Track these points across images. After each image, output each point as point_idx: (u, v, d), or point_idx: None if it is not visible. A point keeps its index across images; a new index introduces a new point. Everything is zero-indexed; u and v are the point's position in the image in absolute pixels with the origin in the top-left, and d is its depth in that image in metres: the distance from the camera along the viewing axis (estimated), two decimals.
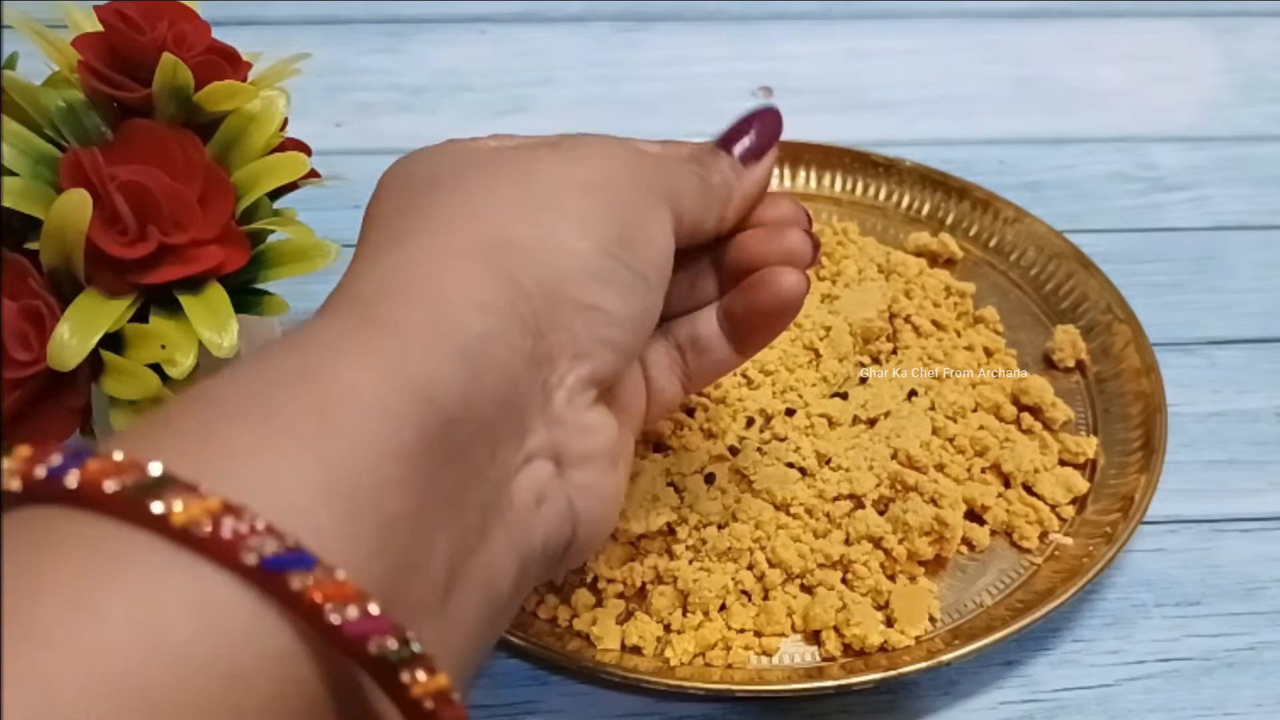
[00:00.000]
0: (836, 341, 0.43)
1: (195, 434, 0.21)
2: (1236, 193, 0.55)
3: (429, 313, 0.24)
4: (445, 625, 0.23)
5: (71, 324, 0.31)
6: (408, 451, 0.22)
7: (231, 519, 0.19)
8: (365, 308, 0.24)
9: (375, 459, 0.21)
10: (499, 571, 0.25)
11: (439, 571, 0.23)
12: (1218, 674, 0.37)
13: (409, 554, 0.22)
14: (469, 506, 0.24)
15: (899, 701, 0.37)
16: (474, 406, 0.24)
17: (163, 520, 0.19)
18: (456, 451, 0.23)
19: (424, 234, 0.26)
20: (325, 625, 0.19)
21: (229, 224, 0.34)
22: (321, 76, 0.58)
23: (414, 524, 0.22)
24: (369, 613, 0.19)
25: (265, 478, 0.20)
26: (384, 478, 0.21)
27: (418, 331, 0.24)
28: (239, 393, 0.22)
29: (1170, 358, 0.45)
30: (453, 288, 0.25)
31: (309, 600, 0.19)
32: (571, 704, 0.36)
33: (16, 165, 0.33)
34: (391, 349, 0.23)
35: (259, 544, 0.19)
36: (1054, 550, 0.39)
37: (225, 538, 0.19)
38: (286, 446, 0.21)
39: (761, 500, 0.39)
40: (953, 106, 0.60)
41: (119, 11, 0.34)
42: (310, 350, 0.23)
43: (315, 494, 0.20)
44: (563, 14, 0.65)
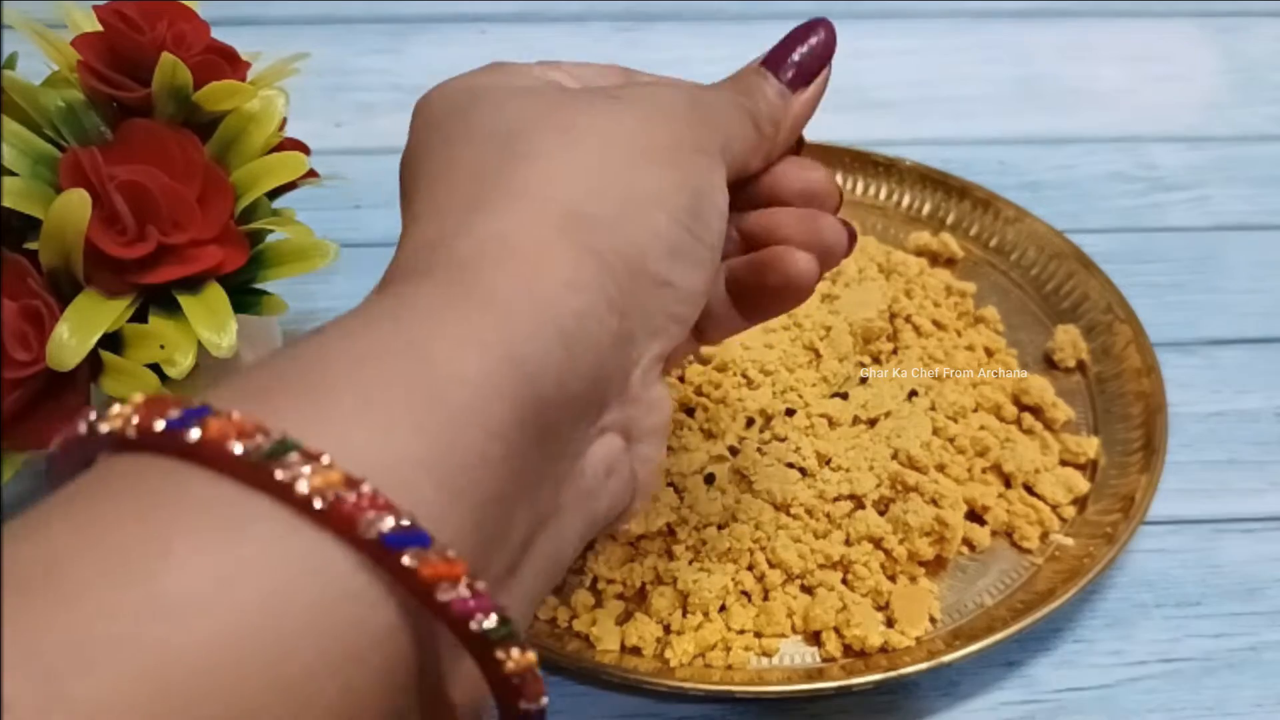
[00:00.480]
0: (837, 341, 0.43)
1: (304, 399, 0.21)
2: (1237, 193, 0.55)
3: (527, 288, 0.24)
4: (513, 595, 0.24)
5: (71, 324, 0.31)
6: (506, 429, 0.22)
7: (353, 493, 0.19)
8: (460, 277, 0.24)
9: (478, 438, 0.21)
10: (566, 541, 0.25)
11: (516, 544, 0.23)
12: (1218, 674, 0.37)
13: (497, 530, 0.22)
14: (548, 483, 0.24)
15: (899, 702, 0.36)
16: (566, 387, 0.24)
17: (287, 488, 0.19)
18: (546, 430, 0.23)
19: (503, 202, 0.25)
20: (435, 603, 0.19)
21: (228, 224, 0.34)
22: (321, 76, 0.58)
23: (505, 499, 0.22)
24: (477, 591, 0.20)
25: (374, 451, 0.20)
26: (484, 456, 0.21)
27: (516, 307, 0.23)
28: (344, 360, 0.22)
29: (1170, 358, 0.45)
30: (546, 263, 0.24)
31: (421, 577, 0.19)
32: (571, 705, 0.36)
33: (16, 165, 0.33)
34: (490, 324, 0.23)
35: (377, 519, 0.19)
36: (1055, 551, 0.39)
37: (345, 510, 0.19)
38: (393, 421, 0.21)
39: (761, 501, 0.39)
40: (953, 106, 0.60)
41: (118, 11, 0.34)
42: (413, 321, 0.23)
43: (421, 470, 0.20)
44: (563, 14, 0.65)
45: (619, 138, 0.27)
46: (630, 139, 0.27)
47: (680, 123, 0.28)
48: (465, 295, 0.23)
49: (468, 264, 0.24)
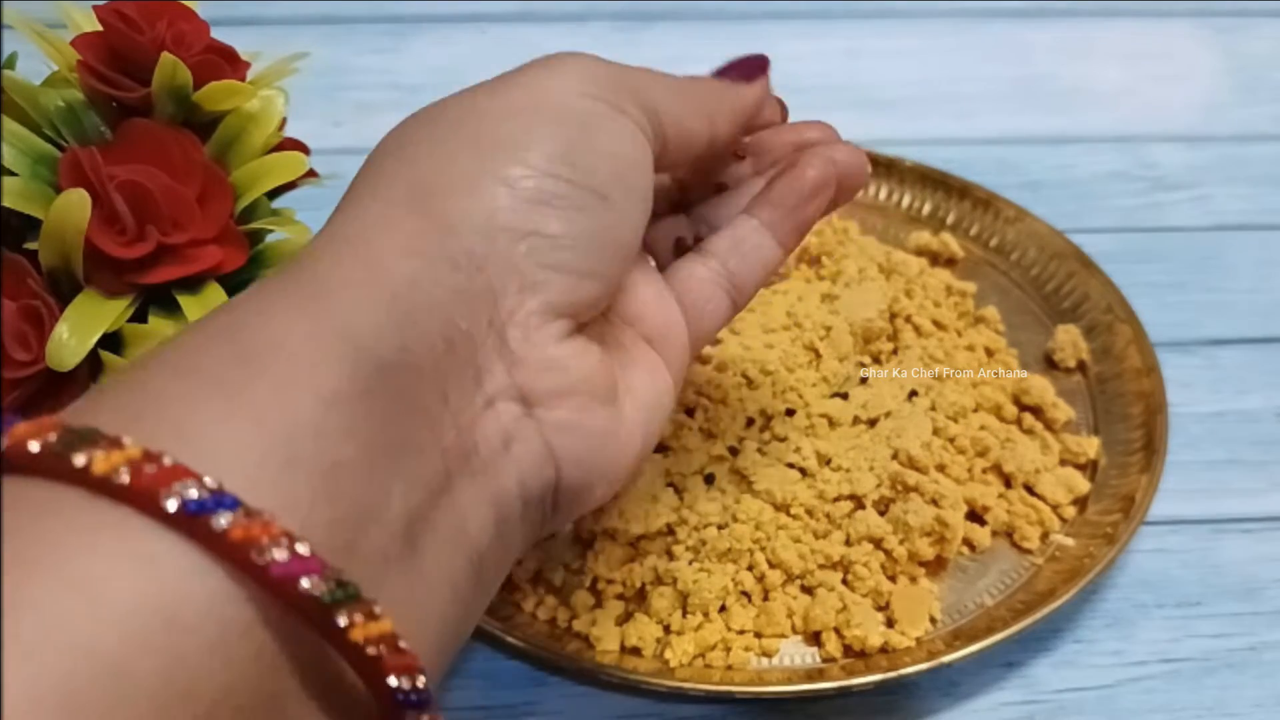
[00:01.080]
0: (837, 341, 0.43)
1: (128, 395, 0.21)
2: (1237, 192, 0.55)
3: (358, 263, 0.24)
4: (414, 577, 0.23)
5: (70, 324, 0.31)
6: (343, 397, 0.22)
7: (151, 465, 0.19)
8: (297, 270, 0.24)
9: (307, 406, 0.21)
10: (470, 519, 0.25)
11: (397, 519, 0.23)
12: (1218, 674, 0.37)
13: (361, 501, 0.22)
14: (425, 452, 0.24)
15: (899, 702, 0.36)
16: (411, 350, 0.24)
17: (84, 472, 0.19)
18: (400, 396, 0.23)
19: (364, 194, 0.26)
20: (251, 566, 0.19)
21: (228, 223, 0.34)
22: (320, 76, 0.57)
23: (363, 470, 0.22)
24: (297, 552, 0.19)
25: (194, 428, 0.20)
26: (319, 424, 0.21)
27: (346, 282, 0.24)
28: (173, 353, 0.22)
29: (1171, 358, 0.45)
30: (381, 237, 0.25)
31: (232, 541, 0.19)
32: (571, 705, 0.36)
33: (16, 165, 0.33)
34: (318, 300, 0.23)
35: (180, 488, 0.19)
36: (1055, 551, 0.39)
37: (145, 484, 0.19)
38: (215, 397, 0.21)
39: (761, 501, 0.38)
40: (953, 106, 0.60)
41: (118, 11, 0.34)
42: (242, 309, 0.23)
43: (246, 442, 0.20)
44: (562, 13, 0.65)
45: (486, 106, 0.27)
46: (500, 104, 0.27)
47: (567, 78, 0.28)
48: (293, 280, 0.24)
49: (304, 257, 0.25)
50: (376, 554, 0.22)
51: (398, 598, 0.22)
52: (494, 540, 0.25)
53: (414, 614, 0.23)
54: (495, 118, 0.27)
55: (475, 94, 0.28)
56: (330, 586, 0.20)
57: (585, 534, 0.39)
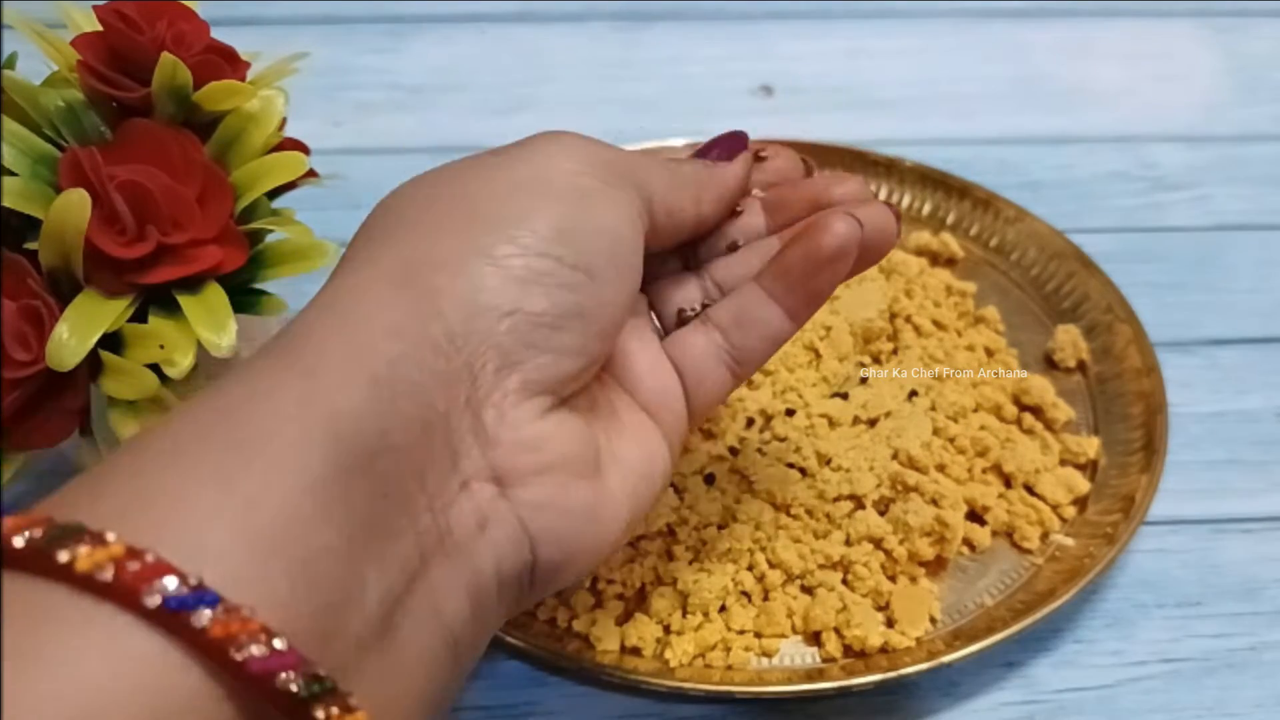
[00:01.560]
0: (837, 341, 0.43)
1: (118, 482, 0.21)
2: (1237, 192, 0.55)
3: (344, 343, 0.24)
4: (390, 660, 0.23)
5: (70, 324, 0.31)
6: (325, 484, 0.22)
7: (134, 562, 0.19)
8: (287, 344, 0.24)
9: (291, 494, 0.21)
10: (448, 603, 0.25)
11: (373, 604, 0.23)
12: (1218, 674, 0.37)
13: (338, 588, 0.22)
14: (402, 537, 0.24)
15: (899, 702, 0.36)
16: (391, 435, 0.23)
17: (68, 569, 0.19)
18: (380, 481, 0.23)
19: (352, 270, 0.26)
20: (230, 662, 0.19)
21: (227, 224, 0.34)
22: (320, 76, 0.57)
23: (341, 557, 0.22)
24: (274, 648, 0.20)
25: (177, 517, 0.20)
26: (302, 512, 0.21)
27: (331, 364, 0.24)
28: (165, 441, 0.22)
29: (1171, 358, 0.45)
30: (367, 315, 0.25)
31: (211, 638, 0.19)
32: (571, 705, 0.36)
33: (16, 165, 0.33)
34: (303, 384, 0.23)
35: (161, 585, 0.19)
36: (1055, 551, 0.39)
37: (127, 581, 0.19)
38: (202, 488, 0.21)
39: (761, 501, 0.38)
40: (953, 106, 0.60)
41: (118, 11, 0.34)
42: (231, 393, 0.23)
43: (231, 533, 0.20)
44: (562, 13, 0.65)
45: (482, 181, 0.27)
46: (496, 180, 0.27)
47: (562, 157, 0.28)
48: (281, 361, 0.24)
49: (294, 333, 0.25)
50: (352, 640, 0.22)
51: (373, 682, 0.23)
52: (469, 620, 0.25)
53: (390, 697, 0.23)
54: (489, 195, 0.27)
55: (473, 167, 0.28)
56: (306, 681, 0.20)
57: None
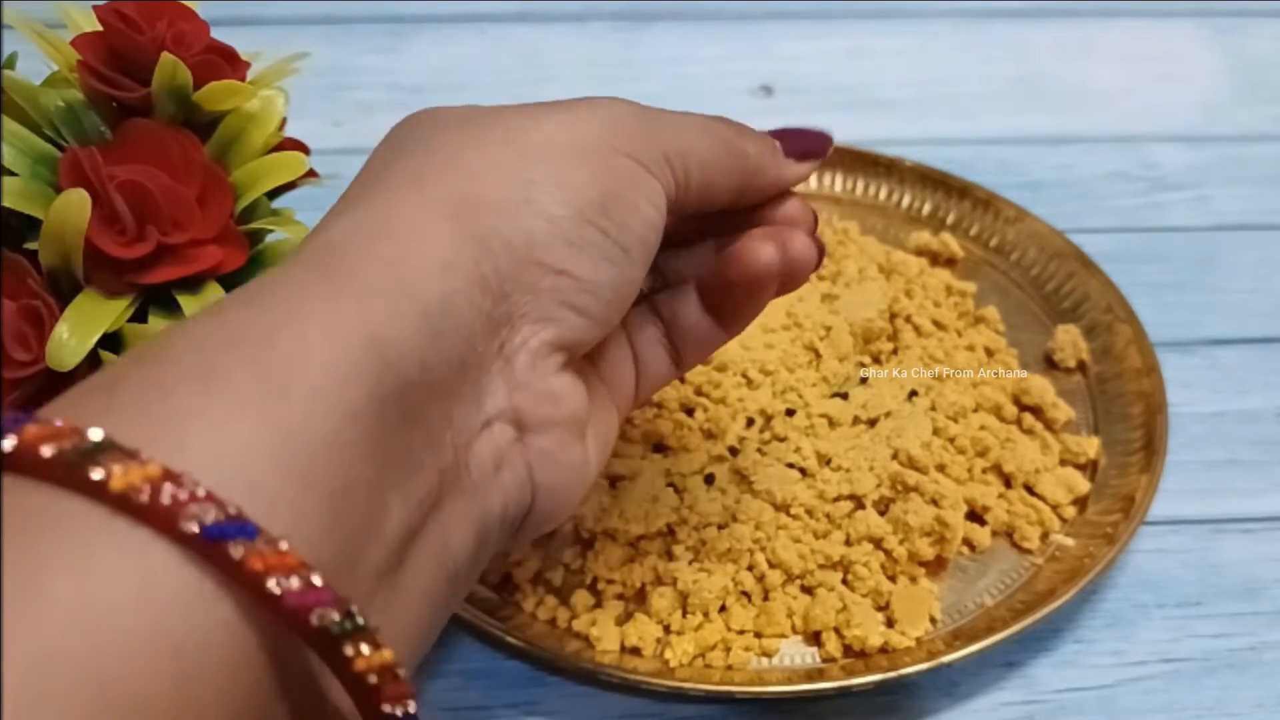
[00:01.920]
0: (837, 341, 0.43)
1: (142, 397, 0.20)
2: (1237, 192, 0.55)
3: (391, 268, 0.24)
4: (399, 593, 0.23)
5: (70, 324, 0.31)
6: (362, 413, 0.22)
7: (171, 485, 0.18)
8: (327, 259, 0.24)
9: (329, 421, 0.21)
10: (455, 538, 0.25)
11: (393, 536, 0.23)
12: (1218, 674, 0.37)
13: (366, 519, 0.22)
14: (425, 469, 0.24)
15: (899, 703, 0.36)
16: (431, 369, 0.23)
17: (101, 486, 0.18)
18: (412, 414, 0.23)
19: (394, 187, 0.26)
20: (266, 595, 0.19)
21: (227, 224, 0.34)
22: (320, 76, 0.58)
23: (372, 487, 0.22)
24: (311, 583, 0.19)
25: (213, 442, 0.20)
26: (338, 440, 0.21)
27: (379, 288, 0.23)
28: (190, 352, 0.21)
29: (1171, 358, 0.45)
30: (417, 243, 0.24)
31: (249, 569, 0.19)
32: (571, 705, 0.36)
33: (16, 165, 0.33)
34: (350, 306, 0.22)
35: (199, 511, 0.18)
36: (1055, 551, 0.39)
37: (164, 504, 0.18)
38: (236, 409, 0.20)
39: (761, 501, 0.38)
40: (953, 106, 0.60)
41: (118, 11, 0.34)
42: (266, 306, 0.22)
43: (265, 458, 0.20)
44: (562, 13, 0.65)
45: (531, 132, 0.27)
46: (545, 136, 0.27)
47: (610, 126, 0.28)
48: (324, 278, 0.23)
49: (337, 246, 0.24)
50: (372, 571, 0.22)
51: (382, 613, 0.23)
52: (471, 557, 0.26)
53: (394, 627, 0.23)
54: (540, 147, 0.27)
55: (517, 114, 0.28)
56: (340, 617, 0.20)
57: (585, 534, 0.39)
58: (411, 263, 0.24)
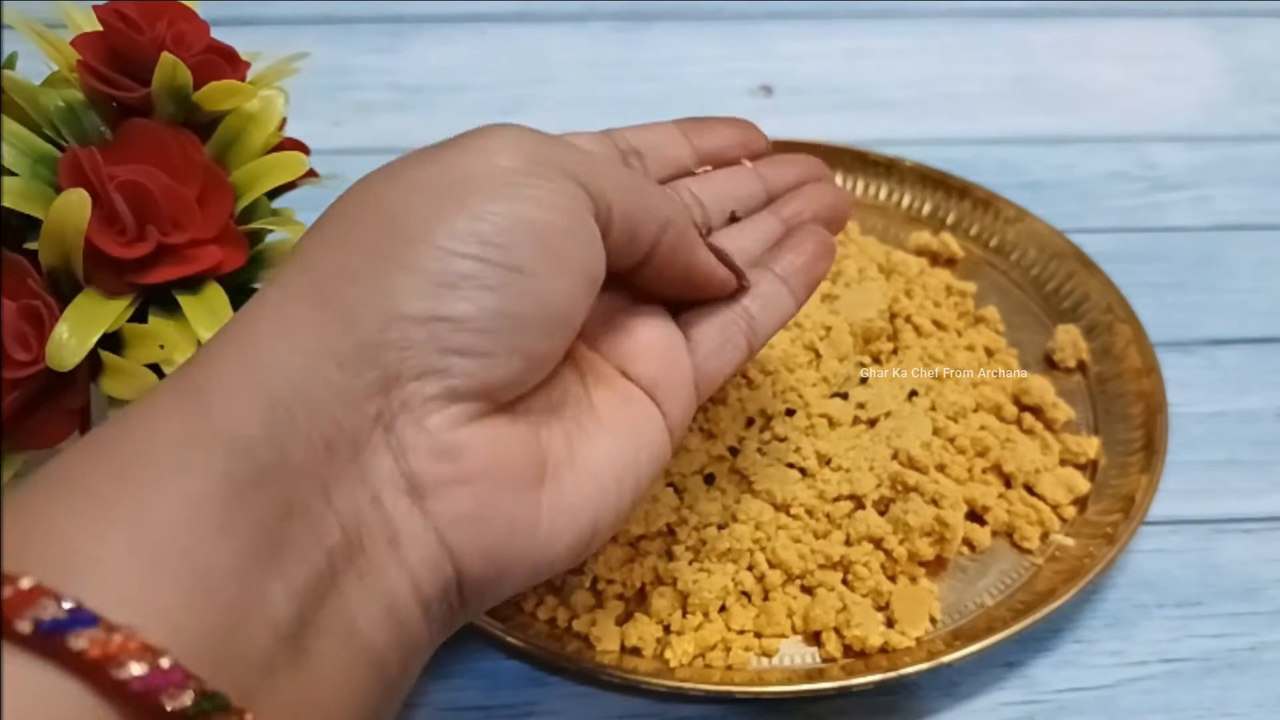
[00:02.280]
0: (837, 341, 0.43)
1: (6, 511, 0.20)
2: (1237, 192, 0.55)
3: (242, 364, 0.24)
4: (304, 681, 0.23)
5: (70, 324, 0.31)
6: (214, 501, 0.21)
7: (8, 588, 0.18)
8: (186, 369, 0.24)
9: (175, 511, 0.21)
10: (360, 620, 0.24)
11: (283, 622, 0.22)
12: (1218, 674, 0.37)
13: (236, 606, 0.21)
14: (309, 553, 0.23)
15: (900, 703, 0.36)
16: (290, 453, 0.23)
17: None
18: (280, 499, 0.23)
19: (268, 291, 0.25)
20: (111, 683, 0.19)
21: (227, 224, 0.34)
22: (320, 76, 0.58)
23: (240, 574, 0.21)
24: (158, 665, 0.19)
25: (61, 544, 0.20)
26: (190, 528, 0.21)
27: (227, 382, 0.23)
28: (56, 472, 0.22)
29: (1171, 358, 0.45)
30: (271, 333, 0.24)
31: (90, 659, 0.18)
32: (570, 705, 0.36)
33: (16, 165, 0.33)
34: (195, 403, 0.23)
35: (36, 610, 0.18)
36: (1055, 551, 0.39)
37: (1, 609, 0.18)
38: (88, 507, 0.20)
39: (761, 501, 0.38)
40: (953, 106, 0.60)
41: (118, 11, 0.34)
42: (124, 421, 0.23)
43: (113, 552, 0.20)
44: (562, 13, 0.65)
45: (412, 181, 0.26)
46: (425, 180, 0.26)
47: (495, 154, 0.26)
48: (177, 383, 0.24)
49: (198, 356, 0.24)
50: (259, 659, 0.22)
51: (287, 704, 0.22)
52: (393, 643, 0.24)
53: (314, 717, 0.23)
54: (410, 202, 0.25)
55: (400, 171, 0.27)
56: (194, 698, 0.19)
57: None
58: (260, 353, 0.24)
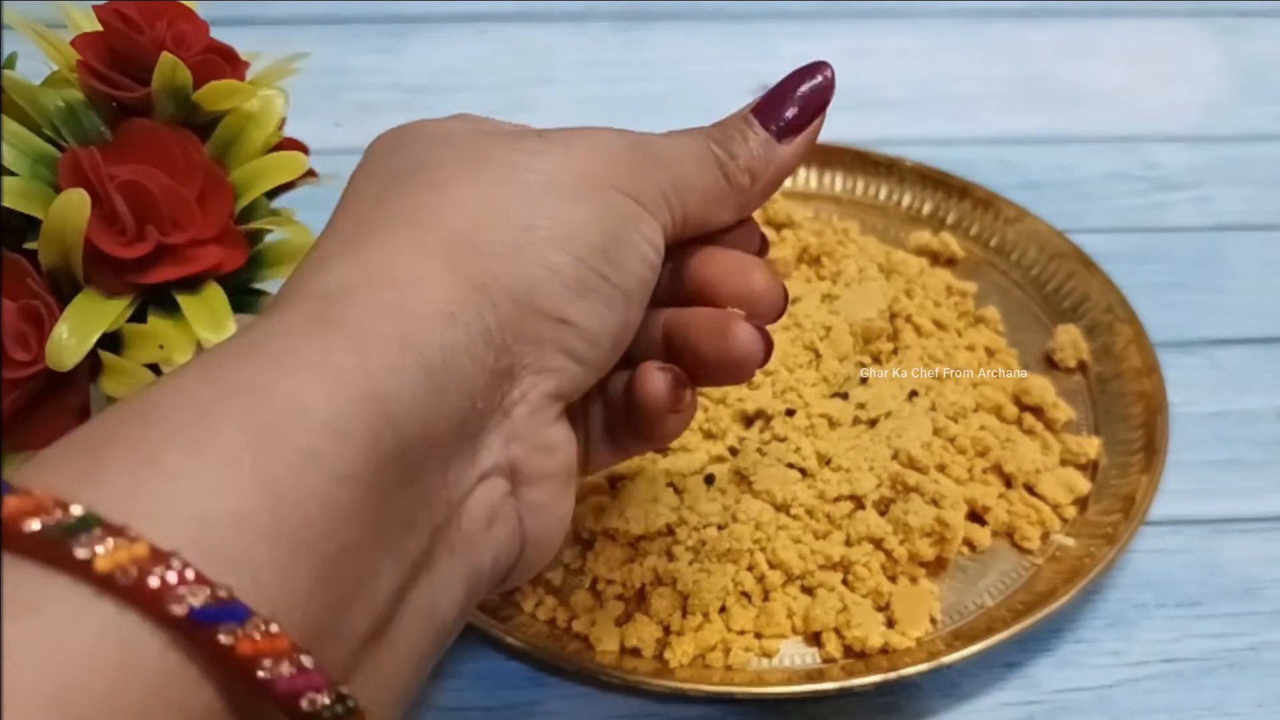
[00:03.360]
0: (837, 341, 0.43)
1: (128, 461, 0.19)
2: (1238, 192, 0.55)
3: (393, 319, 0.22)
4: (387, 655, 0.22)
5: (70, 324, 0.31)
6: (359, 476, 0.21)
7: (160, 567, 0.18)
8: (325, 308, 0.22)
9: (324, 486, 0.20)
10: (445, 597, 0.24)
11: (384, 599, 0.22)
12: (1219, 674, 0.37)
13: (354, 583, 0.21)
14: (418, 529, 0.23)
15: (900, 703, 0.36)
16: (432, 426, 0.22)
17: (85, 566, 0.17)
18: (409, 473, 0.22)
19: (393, 228, 0.24)
20: (257, 681, 0.18)
21: (227, 223, 0.34)
22: (320, 76, 0.58)
23: (360, 551, 0.21)
24: (303, 666, 0.19)
25: (201, 511, 0.19)
26: (332, 505, 0.20)
27: (381, 340, 0.22)
28: (179, 408, 0.20)
29: (1171, 358, 0.45)
30: (419, 293, 0.23)
31: (240, 655, 0.18)
32: (570, 706, 0.36)
33: (16, 165, 0.33)
34: (350, 360, 0.21)
35: (187, 593, 0.18)
36: (1055, 551, 0.39)
37: (152, 587, 0.18)
38: (226, 474, 0.19)
39: (761, 501, 0.38)
40: (954, 105, 0.60)
41: (118, 11, 0.34)
42: (261, 357, 0.21)
43: (254, 528, 0.19)
44: (562, 13, 0.65)
45: (531, 172, 0.26)
46: (544, 174, 0.26)
47: (609, 163, 0.26)
48: (323, 327, 0.22)
49: (335, 293, 0.23)
50: (356, 635, 0.21)
51: (367, 680, 0.22)
52: (460, 613, 0.25)
53: (382, 690, 0.23)
54: (542, 186, 0.26)
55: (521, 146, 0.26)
56: (330, 701, 0.19)
57: (585, 534, 0.39)
58: (413, 313, 0.23)
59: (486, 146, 0.26)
